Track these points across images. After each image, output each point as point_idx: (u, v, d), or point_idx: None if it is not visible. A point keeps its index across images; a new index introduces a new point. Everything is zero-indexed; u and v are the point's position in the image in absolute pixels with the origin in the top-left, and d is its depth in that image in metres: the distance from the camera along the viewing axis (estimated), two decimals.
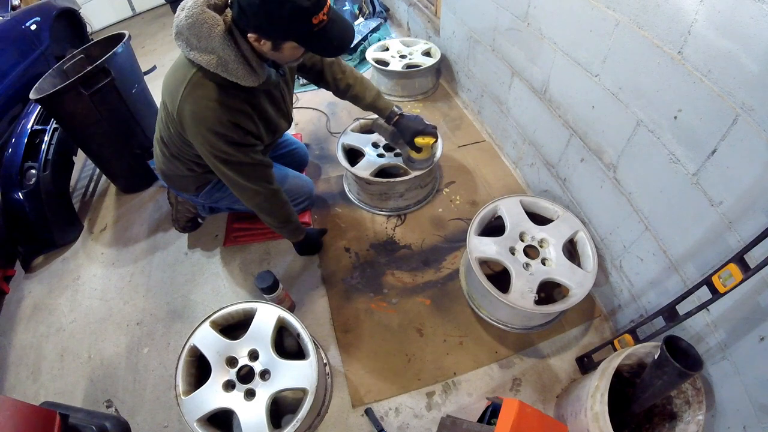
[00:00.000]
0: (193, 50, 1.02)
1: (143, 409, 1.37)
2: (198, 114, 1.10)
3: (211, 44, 1.00)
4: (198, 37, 0.99)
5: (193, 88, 1.08)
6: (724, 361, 0.99)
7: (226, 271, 1.72)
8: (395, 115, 1.60)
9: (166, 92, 1.18)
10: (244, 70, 1.05)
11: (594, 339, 1.43)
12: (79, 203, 2.16)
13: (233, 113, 1.12)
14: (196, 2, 0.99)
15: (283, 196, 1.40)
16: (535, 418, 0.96)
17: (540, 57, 1.52)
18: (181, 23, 0.99)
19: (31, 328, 1.65)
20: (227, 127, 1.12)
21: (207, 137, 1.13)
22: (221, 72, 1.03)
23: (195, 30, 0.99)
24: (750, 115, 0.82)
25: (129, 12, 4.35)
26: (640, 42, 1.05)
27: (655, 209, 1.14)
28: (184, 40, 1.01)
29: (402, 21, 3.16)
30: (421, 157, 1.65)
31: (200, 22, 0.98)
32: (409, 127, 1.58)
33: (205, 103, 1.09)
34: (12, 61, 2.27)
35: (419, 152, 1.62)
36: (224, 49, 1.00)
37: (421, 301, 1.55)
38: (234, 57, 1.02)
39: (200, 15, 0.98)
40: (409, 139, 1.59)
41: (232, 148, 1.16)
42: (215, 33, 0.99)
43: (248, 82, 1.07)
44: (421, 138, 1.57)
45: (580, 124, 1.40)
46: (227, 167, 1.21)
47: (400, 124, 1.60)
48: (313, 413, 1.21)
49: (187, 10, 0.99)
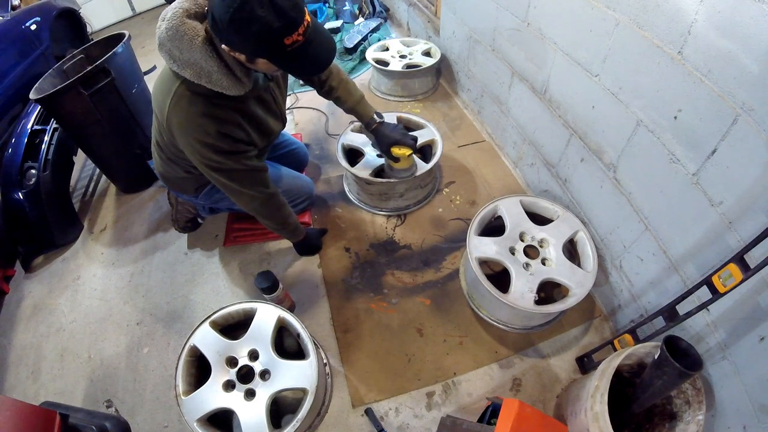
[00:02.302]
0: (176, 62, 0.99)
1: (143, 409, 1.37)
2: (185, 126, 1.09)
3: (193, 56, 0.97)
4: (180, 49, 0.96)
5: (178, 100, 1.07)
6: (724, 361, 0.99)
7: (226, 271, 1.72)
8: (374, 123, 1.57)
9: (155, 103, 1.17)
10: (229, 81, 1.02)
11: (594, 339, 1.43)
12: (79, 203, 2.16)
13: (220, 123, 1.10)
14: (176, 13, 0.96)
15: (281, 198, 1.39)
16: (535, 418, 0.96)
17: (540, 57, 1.52)
18: (162, 35, 0.97)
19: (31, 328, 1.65)
20: (215, 137, 1.10)
21: (196, 147, 1.12)
22: (205, 83, 1.01)
23: (176, 42, 0.96)
24: (750, 115, 0.82)
25: (129, 12, 4.35)
26: (640, 42, 1.05)
27: (655, 209, 1.14)
28: (167, 51, 0.98)
29: (402, 21, 3.16)
30: (400, 167, 1.63)
31: (180, 33, 0.95)
32: (386, 136, 1.55)
33: (190, 115, 1.07)
34: (12, 61, 2.27)
35: (396, 162, 1.60)
36: (207, 61, 0.98)
37: (421, 301, 1.55)
38: (217, 68, 0.99)
39: (180, 27, 0.95)
40: (385, 149, 1.57)
41: (223, 157, 1.15)
42: (196, 44, 0.96)
43: (233, 91, 1.04)
44: (397, 148, 1.55)
45: (580, 124, 1.40)
46: (220, 175, 1.20)
47: (377, 132, 1.58)
48: (313, 413, 1.21)
49: (167, 21, 0.96)
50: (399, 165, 1.62)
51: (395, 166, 1.63)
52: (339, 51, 2.96)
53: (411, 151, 1.56)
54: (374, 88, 2.62)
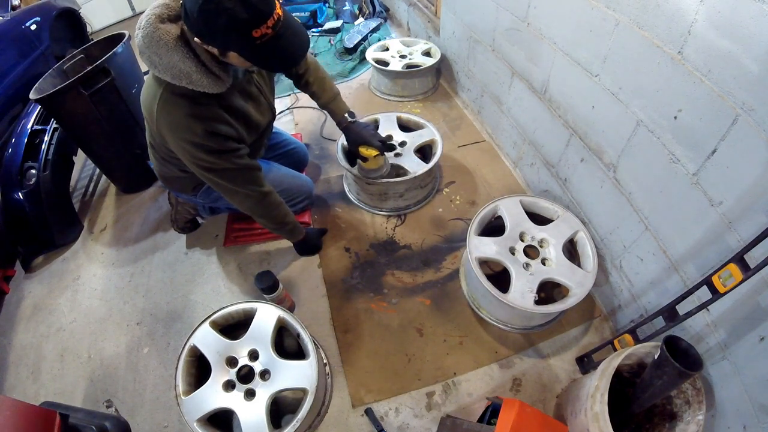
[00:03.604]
0: (157, 67, 1.00)
1: (143, 409, 1.37)
2: (172, 128, 1.11)
3: (171, 60, 0.98)
4: (158, 54, 0.98)
5: (164, 104, 1.09)
6: (724, 361, 0.99)
7: (226, 271, 1.72)
8: (345, 122, 1.58)
9: (144, 108, 1.19)
10: (208, 80, 1.03)
11: (594, 339, 1.43)
12: (79, 203, 2.16)
13: (207, 122, 1.11)
14: (149, 20, 0.97)
15: (276, 197, 1.39)
16: (535, 418, 0.97)
17: (540, 57, 1.52)
18: (140, 43, 0.98)
19: (31, 328, 1.65)
20: (203, 136, 1.11)
21: (186, 148, 1.13)
22: (186, 84, 1.02)
23: (153, 48, 0.97)
24: (750, 115, 0.82)
25: (129, 12, 4.35)
26: (640, 42, 1.05)
27: (655, 209, 1.14)
28: (147, 58, 1.00)
29: (402, 21, 3.16)
30: (368, 167, 1.64)
31: (155, 39, 0.97)
32: (356, 134, 1.57)
33: (176, 117, 1.09)
34: (12, 61, 2.27)
35: (365, 161, 1.61)
36: (184, 62, 0.99)
37: (421, 301, 1.55)
38: (195, 68, 1.00)
39: (154, 33, 0.96)
40: (353, 148, 1.58)
41: (213, 156, 1.16)
42: (171, 47, 0.97)
43: (214, 89, 1.06)
44: (364, 148, 1.55)
45: (580, 124, 1.40)
46: (212, 175, 1.21)
47: (348, 130, 1.59)
48: (313, 413, 1.21)
49: (142, 29, 0.97)
50: (367, 165, 1.63)
51: (364, 165, 1.65)
52: (339, 51, 2.96)
53: (377, 152, 1.56)
54: (374, 88, 2.62)
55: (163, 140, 1.19)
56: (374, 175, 1.67)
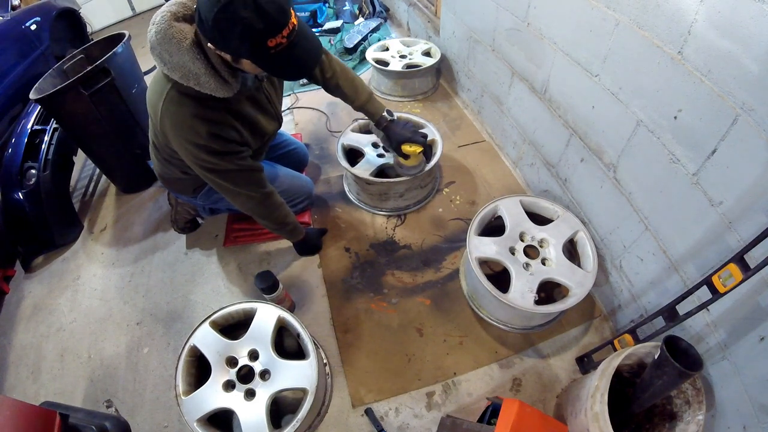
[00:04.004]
0: (166, 65, 1.00)
1: (143, 409, 1.37)
2: (176, 127, 1.10)
3: (181, 59, 0.98)
4: (169, 52, 0.97)
5: (169, 103, 1.08)
6: (724, 361, 0.99)
7: (226, 271, 1.72)
8: (385, 121, 1.58)
9: (149, 105, 1.18)
10: (216, 83, 1.03)
11: (594, 339, 1.43)
12: (79, 203, 2.16)
13: (211, 124, 1.11)
14: (164, 16, 0.97)
15: (277, 198, 1.39)
16: (535, 418, 0.96)
17: (540, 57, 1.52)
18: (152, 39, 0.98)
19: (31, 328, 1.65)
20: (206, 138, 1.11)
21: (189, 149, 1.13)
22: (194, 85, 1.02)
23: (165, 46, 0.97)
24: (750, 115, 0.82)
25: (129, 12, 4.35)
26: (640, 42, 1.05)
27: (655, 209, 1.14)
28: (158, 55, 0.99)
29: (402, 21, 3.16)
30: (410, 164, 1.65)
31: (168, 37, 0.96)
32: (397, 133, 1.57)
33: (181, 117, 1.08)
34: (12, 61, 2.27)
35: (406, 159, 1.62)
36: (194, 63, 0.98)
37: (421, 301, 1.55)
38: (204, 70, 1.00)
39: (168, 30, 0.96)
40: (395, 147, 1.58)
41: (216, 158, 1.16)
42: (184, 47, 0.97)
43: (221, 93, 1.05)
44: (408, 146, 1.56)
45: (580, 124, 1.40)
46: (214, 176, 1.21)
47: (388, 130, 1.59)
48: (313, 413, 1.21)
49: (156, 25, 0.97)
50: (409, 162, 1.64)
51: (405, 163, 1.65)
52: (339, 51, 2.96)
53: (422, 148, 1.58)
54: (374, 88, 2.62)
55: (165, 139, 1.19)
56: (414, 172, 1.68)
